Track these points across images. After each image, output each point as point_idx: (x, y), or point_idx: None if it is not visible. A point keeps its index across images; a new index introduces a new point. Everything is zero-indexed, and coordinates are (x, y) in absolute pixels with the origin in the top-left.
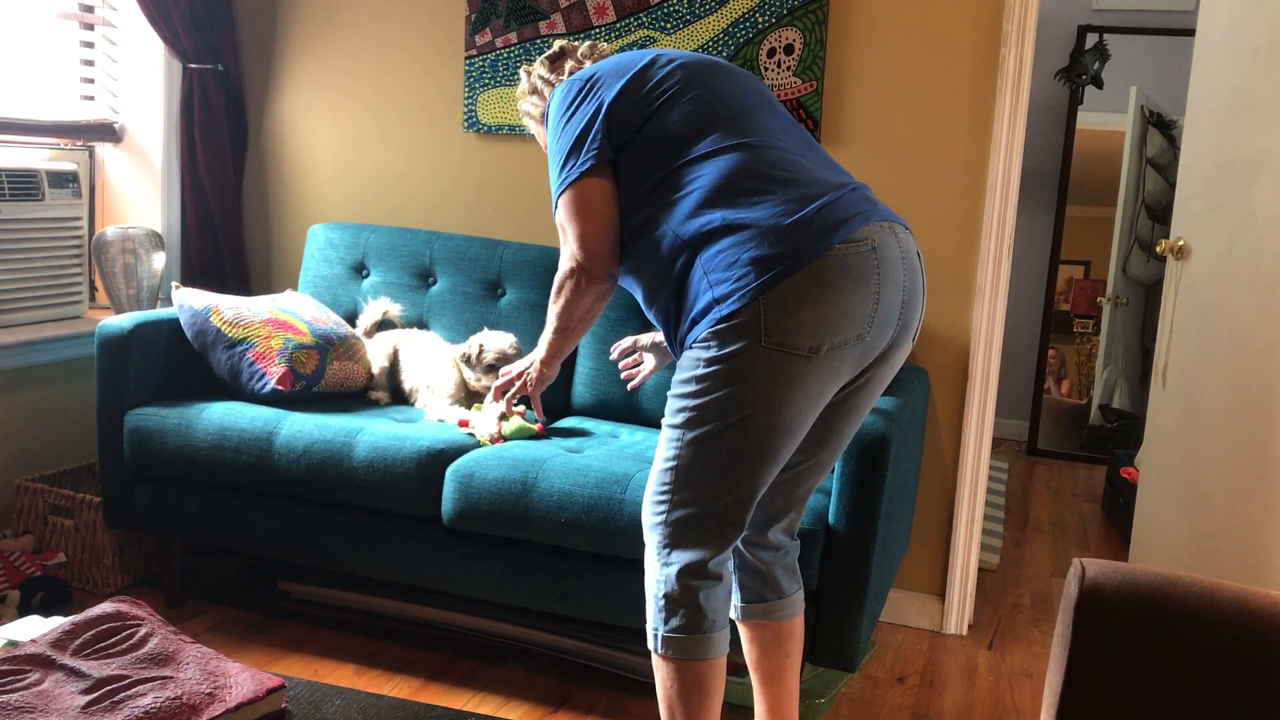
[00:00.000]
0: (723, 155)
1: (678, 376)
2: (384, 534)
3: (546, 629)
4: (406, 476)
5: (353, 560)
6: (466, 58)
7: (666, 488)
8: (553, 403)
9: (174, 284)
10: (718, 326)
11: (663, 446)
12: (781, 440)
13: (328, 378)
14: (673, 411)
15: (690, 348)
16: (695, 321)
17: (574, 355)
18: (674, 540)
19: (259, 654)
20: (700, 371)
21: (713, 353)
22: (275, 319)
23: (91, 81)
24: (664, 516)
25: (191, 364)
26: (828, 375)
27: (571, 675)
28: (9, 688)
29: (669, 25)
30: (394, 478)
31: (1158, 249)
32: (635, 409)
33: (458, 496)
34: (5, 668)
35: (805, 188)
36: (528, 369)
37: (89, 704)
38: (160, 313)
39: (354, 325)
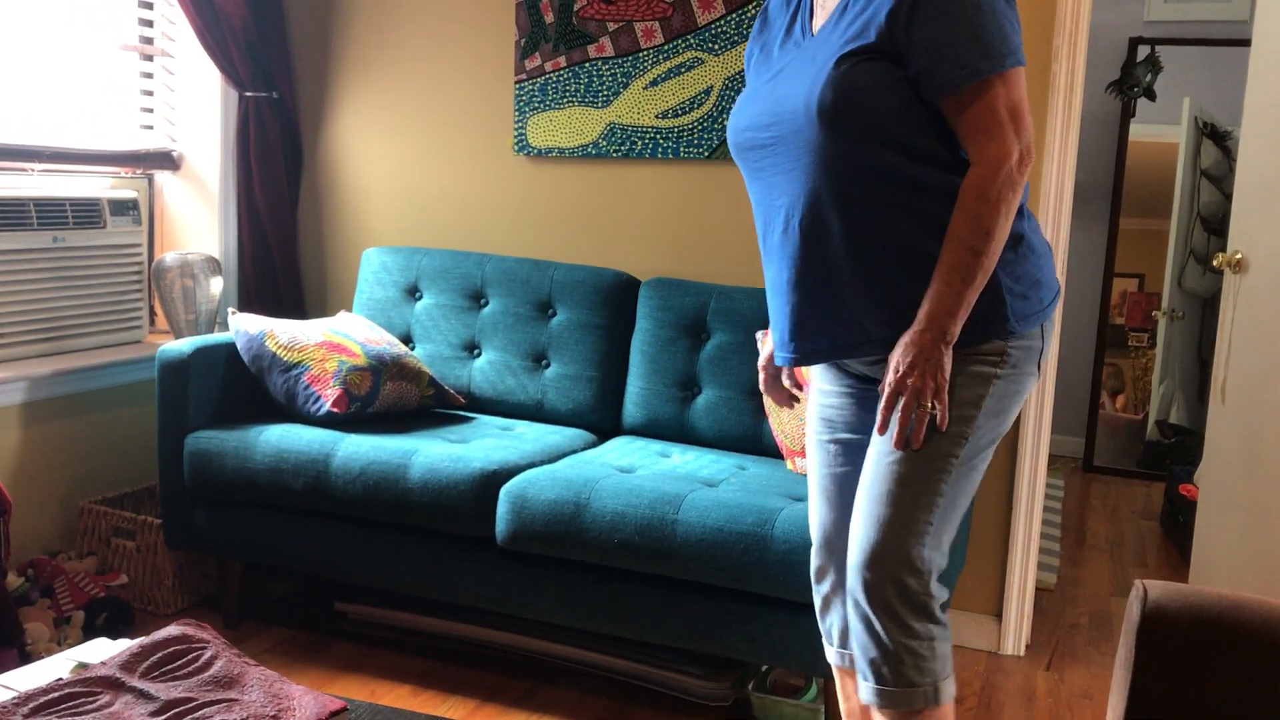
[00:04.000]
0: None
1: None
2: (439, 554)
3: (600, 649)
4: (461, 497)
5: (408, 581)
6: (516, 81)
7: (931, 526)
8: (602, 422)
9: (230, 309)
10: (1016, 343)
11: (917, 476)
12: None
13: (382, 398)
14: (940, 433)
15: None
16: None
17: (624, 373)
18: (939, 585)
19: (316, 674)
20: (982, 391)
21: (999, 369)
22: (330, 341)
23: (151, 111)
24: (931, 559)
25: (249, 387)
26: None
27: (625, 696)
28: (80, 709)
29: (716, 46)
30: (449, 498)
31: (1215, 262)
32: (686, 428)
33: (511, 517)
34: (76, 690)
35: None
36: (912, 359)
37: None
38: (218, 337)
39: (409, 346)
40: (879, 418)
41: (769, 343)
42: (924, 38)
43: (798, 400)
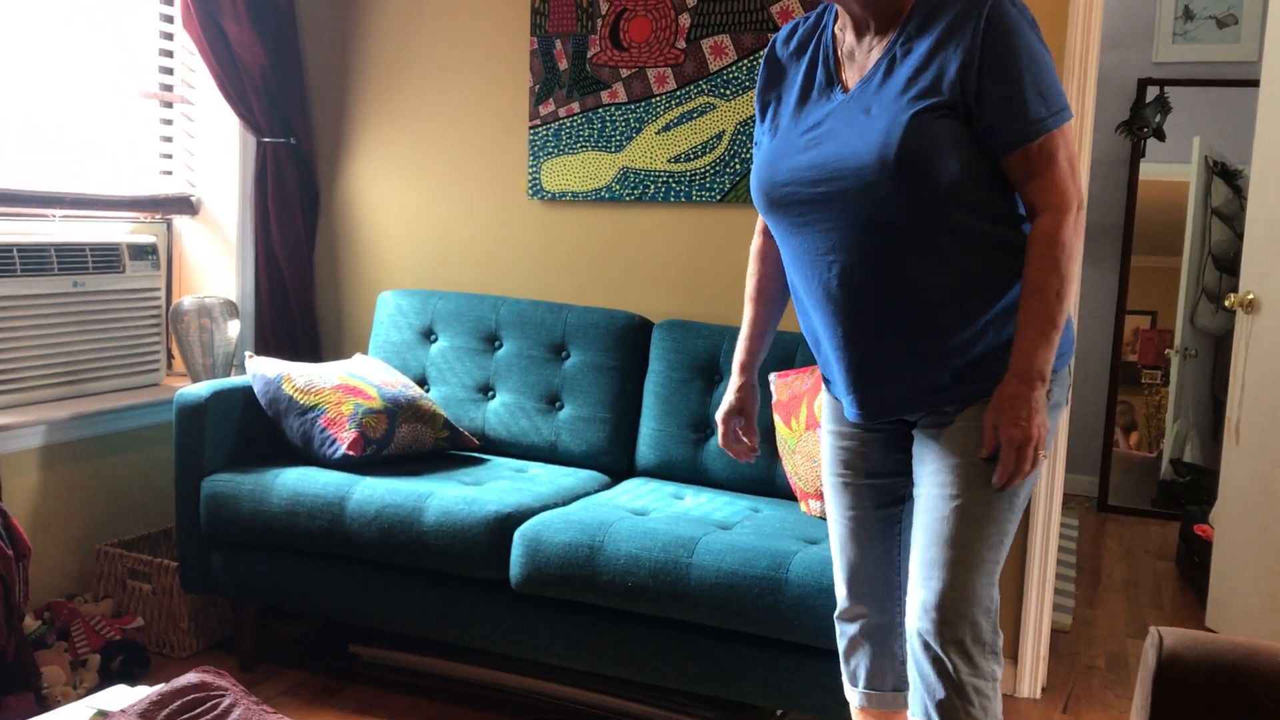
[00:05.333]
0: None
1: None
2: (453, 597)
3: (614, 693)
4: (475, 540)
5: (422, 624)
6: (531, 127)
7: (997, 565)
8: (616, 464)
9: (247, 353)
10: (1057, 379)
11: (986, 518)
12: None
13: (397, 441)
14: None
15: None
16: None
17: (638, 416)
18: (997, 631)
19: (332, 718)
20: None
21: (1047, 406)
22: (345, 385)
23: (170, 157)
24: (995, 598)
25: (265, 430)
26: None
27: None
28: None
29: (728, 92)
30: (463, 542)
31: (1226, 303)
32: (699, 470)
33: (525, 560)
34: None
35: None
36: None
37: None
38: (235, 381)
39: (424, 389)
40: (1000, 470)
41: (731, 395)
42: (994, 94)
43: (756, 453)
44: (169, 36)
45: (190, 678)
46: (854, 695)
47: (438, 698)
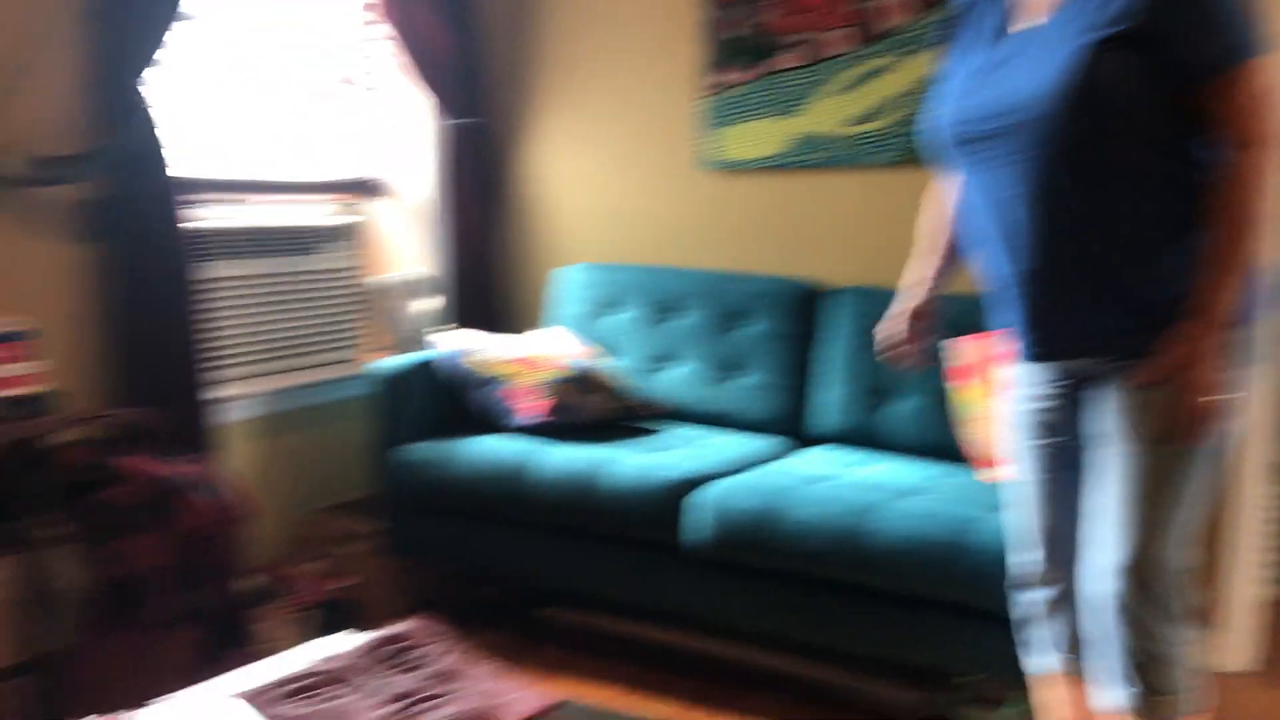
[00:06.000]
0: None
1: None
2: (634, 561)
3: (800, 658)
4: (656, 505)
5: (606, 587)
6: (703, 97)
7: (1187, 526)
8: (794, 431)
9: (437, 327)
10: (1246, 331)
11: (1172, 475)
12: None
13: (579, 410)
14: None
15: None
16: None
17: (816, 382)
18: (1190, 587)
19: (525, 677)
20: (1228, 380)
21: (1237, 357)
22: (528, 356)
23: (363, 141)
24: (1187, 559)
25: (454, 401)
26: None
27: (826, 705)
28: (317, 699)
29: (904, 51)
30: (644, 507)
31: None
32: (878, 437)
33: (706, 525)
34: (311, 681)
35: None
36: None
37: (387, 716)
38: (425, 355)
39: (606, 359)
40: (1168, 419)
41: (919, 294)
42: (1184, 22)
43: (919, 360)
44: (362, 26)
45: (403, 626)
46: (1044, 662)
47: (623, 659)
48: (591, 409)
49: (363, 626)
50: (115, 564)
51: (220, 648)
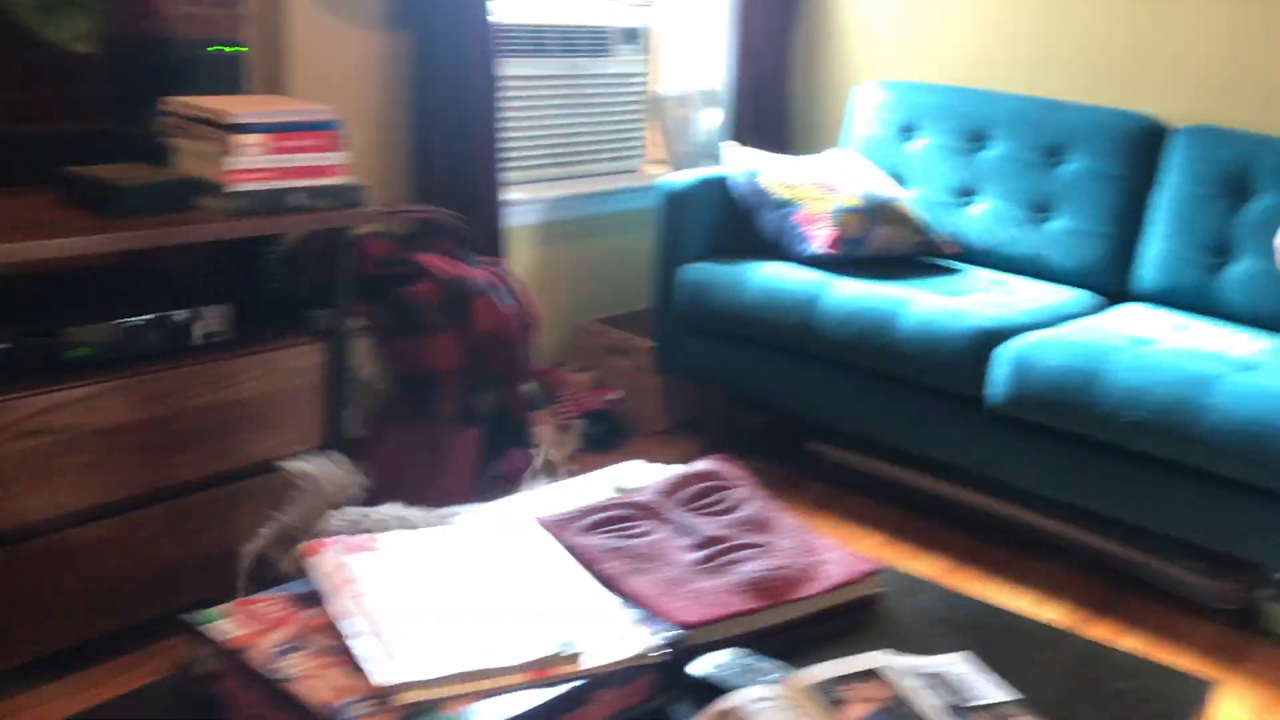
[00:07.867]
0: None
1: None
2: (925, 409)
3: (1091, 528)
4: (956, 354)
5: (889, 431)
6: None
7: None
8: (1110, 286)
9: (726, 143)
10: None
11: None
12: None
13: (871, 242)
14: None
15: None
16: None
17: (1142, 233)
18: None
19: (791, 509)
20: None
21: None
22: (822, 181)
23: None
24: None
25: (740, 222)
26: None
27: (1113, 581)
28: (628, 533)
29: None
30: (943, 354)
31: None
32: (1212, 301)
33: (1012, 380)
34: (620, 513)
35: None
36: None
37: (697, 561)
38: (713, 172)
39: (901, 189)
40: None
41: None
42: None
43: None
44: None
45: (706, 464)
46: None
47: (894, 504)
48: (885, 243)
49: (628, 441)
50: (412, 360)
51: (499, 447)
